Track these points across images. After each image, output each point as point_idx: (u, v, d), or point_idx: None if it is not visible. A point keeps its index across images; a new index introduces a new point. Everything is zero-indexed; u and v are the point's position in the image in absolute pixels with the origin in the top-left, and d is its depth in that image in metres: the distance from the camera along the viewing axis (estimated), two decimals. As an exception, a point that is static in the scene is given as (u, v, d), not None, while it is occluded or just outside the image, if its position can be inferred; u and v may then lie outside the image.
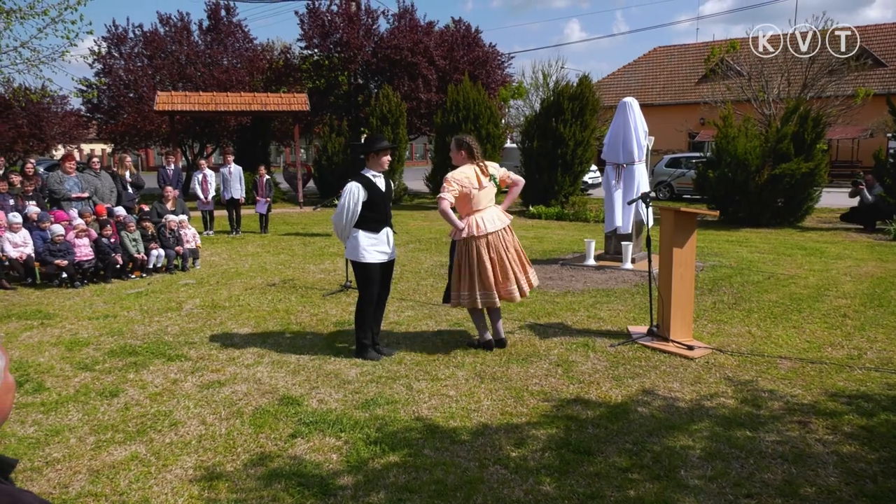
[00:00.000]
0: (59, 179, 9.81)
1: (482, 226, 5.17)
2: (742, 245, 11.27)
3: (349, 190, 5.12)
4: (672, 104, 32.48)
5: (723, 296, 7.39)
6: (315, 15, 22.35)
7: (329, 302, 7.31)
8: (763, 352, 5.41)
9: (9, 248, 8.29)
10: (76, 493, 3.26)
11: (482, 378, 4.82)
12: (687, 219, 5.60)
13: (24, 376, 4.90)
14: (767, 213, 13.82)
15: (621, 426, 3.97)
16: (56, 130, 29.49)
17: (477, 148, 5.31)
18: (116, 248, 8.69)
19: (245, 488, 3.29)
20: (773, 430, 3.91)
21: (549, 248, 11.08)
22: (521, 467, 3.47)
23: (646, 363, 5.14)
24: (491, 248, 5.20)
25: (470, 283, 5.22)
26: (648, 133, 9.24)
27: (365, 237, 5.19)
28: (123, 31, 21.98)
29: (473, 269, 5.20)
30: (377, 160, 5.25)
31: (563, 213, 15.84)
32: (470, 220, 5.20)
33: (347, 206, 5.12)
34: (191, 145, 24.21)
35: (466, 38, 22.93)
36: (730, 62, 22.58)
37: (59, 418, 4.18)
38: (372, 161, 5.25)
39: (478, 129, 17.88)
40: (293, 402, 4.38)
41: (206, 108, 17.99)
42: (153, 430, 3.98)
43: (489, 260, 5.18)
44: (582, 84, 16.72)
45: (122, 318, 6.63)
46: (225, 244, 11.88)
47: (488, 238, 5.18)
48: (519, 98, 22.90)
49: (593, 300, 7.28)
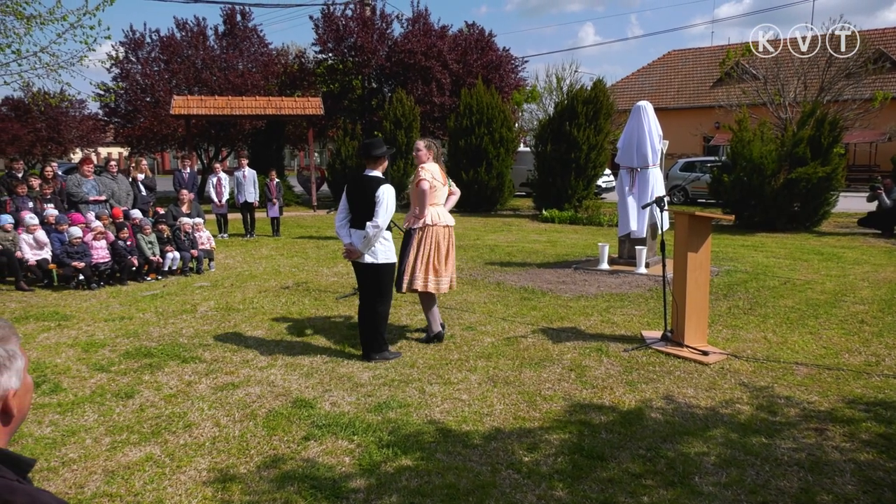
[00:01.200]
0: (78, 182, 9.92)
1: (441, 218, 5.63)
2: (757, 250, 11.17)
3: (390, 192, 5.16)
4: (687, 108, 32.32)
5: (738, 301, 7.33)
6: (330, 19, 22.47)
7: (342, 305, 7.33)
8: (779, 358, 5.36)
9: (27, 251, 8.40)
10: (92, 494, 3.29)
11: (495, 382, 4.81)
12: (702, 223, 5.56)
13: (41, 377, 4.95)
14: (783, 218, 13.69)
15: (635, 431, 3.95)
16: (74, 134, 29.89)
17: (441, 151, 5.89)
18: (132, 250, 8.78)
19: (258, 490, 3.30)
20: (790, 437, 3.87)
21: (563, 252, 11.04)
22: (534, 472, 3.46)
23: (660, 368, 5.11)
24: (443, 239, 5.66)
25: (426, 268, 5.57)
26: (663, 137, 9.20)
27: (387, 238, 5.32)
28: (141, 35, 22.22)
29: (430, 255, 5.58)
30: (382, 163, 5.33)
31: (577, 217, 15.80)
32: (430, 211, 5.60)
33: (392, 209, 5.18)
34: (206, 149, 24.41)
35: (480, 42, 22.96)
36: (745, 65, 22.43)
37: (75, 419, 4.22)
38: (378, 164, 5.28)
39: (491, 133, 17.88)
40: (306, 404, 4.40)
41: (222, 112, 18.13)
42: (168, 432, 4.01)
43: (445, 249, 5.65)
44: (596, 88, 16.67)
45: (138, 320, 6.69)
46: (239, 247, 11.95)
47: (447, 229, 5.69)
48: (532, 102, 22.89)
49: (607, 304, 7.24)
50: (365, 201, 5.14)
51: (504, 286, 8.22)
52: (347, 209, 5.30)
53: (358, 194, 5.21)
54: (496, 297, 7.65)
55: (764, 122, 14.81)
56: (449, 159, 19.09)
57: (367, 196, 5.13)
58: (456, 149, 18.34)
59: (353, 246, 5.20)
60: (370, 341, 5.33)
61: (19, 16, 7.91)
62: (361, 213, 5.16)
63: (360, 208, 5.18)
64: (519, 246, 11.86)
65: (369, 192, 5.12)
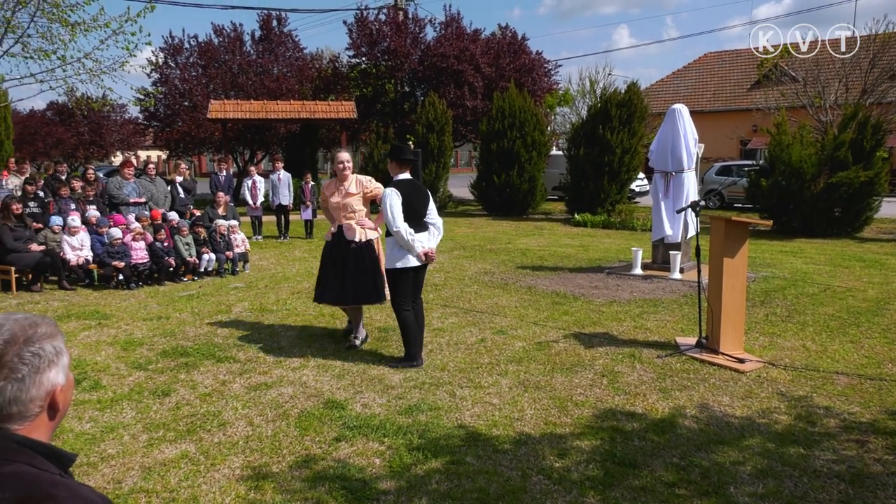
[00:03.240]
0: (118, 185, 10.18)
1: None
2: (796, 256, 10.92)
3: (390, 195, 5.19)
4: (723, 111, 31.75)
5: (776, 308, 7.17)
6: (363, 24, 22.68)
7: (373, 307, 7.36)
8: (818, 367, 5.23)
9: (69, 251, 8.64)
10: (129, 489, 3.36)
11: (526, 387, 4.79)
12: (738, 228, 5.46)
13: (82, 374, 5.09)
14: (823, 223, 13.37)
15: (668, 439, 3.89)
16: (115, 137, 30.72)
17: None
18: (170, 251, 8.96)
19: (290, 489, 3.34)
20: (829, 448, 3.77)
21: (595, 257, 10.94)
22: (565, 478, 3.43)
23: (694, 376, 5.02)
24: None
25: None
26: (698, 140, 9.06)
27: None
28: (180, 41, 22.71)
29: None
30: (406, 168, 5.37)
31: (610, 222, 15.64)
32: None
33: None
34: (241, 152, 24.83)
35: (513, 46, 22.92)
36: (784, 67, 21.96)
37: (113, 415, 4.32)
38: (402, 168, 5.32)
39: (523, 137, 17.82)
40: (338, 405, 4.43)
41: (257, 116, 18.42)
42: (202, 430, 4.08)
43: None
44: (630, 91, 16.51)
45: (175, 320, 6.83)
46: (273, 249, 12.12)
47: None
48: (565, 105, 22.74)
49: (640, 310, 7.15)
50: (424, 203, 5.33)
51: (535, 290, 8.18)
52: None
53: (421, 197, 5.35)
54: (527, 301, 7.62)
55: (803, 125, 14.50)
56: (480, 163, 19.09)
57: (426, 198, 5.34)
58: (488, 152, 18.33)
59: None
60: (404, 347, 5.36)
61: (65, 23, 8.17)
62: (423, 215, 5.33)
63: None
64: (551, 250, 11.79)
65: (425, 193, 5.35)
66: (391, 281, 5.27)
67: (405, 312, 5.22)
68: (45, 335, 1.26)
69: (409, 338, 5.25)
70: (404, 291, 5.24)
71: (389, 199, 5.07)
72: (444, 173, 19.53)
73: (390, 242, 5.19)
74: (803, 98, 19.74)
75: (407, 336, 5.25)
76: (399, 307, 5.24)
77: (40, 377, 1.24)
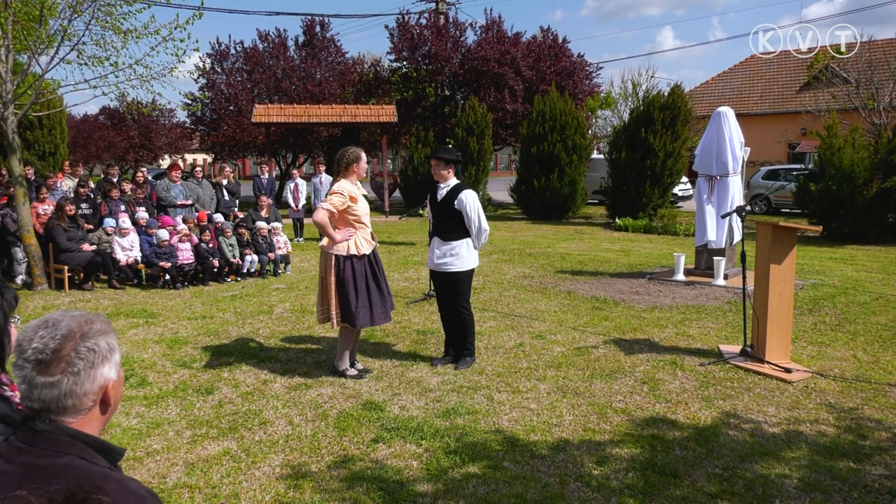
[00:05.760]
0: (167, 187, 10.47)
1: (360, 247, 5.12)
2: (847, 263, 10.56)
3: (475, 196, 5.26)
4: (770, 113, 30.94)
5: (825, 316, 6.95)
6: (404, 28, 22.84)
7: (412, 310, 7.40)
8: (870, 378, 5.05)
9: (118, 251, 8.91)
10: (173, 484, 3.45)
11: (564, 392, 4.75)
12: (786, 234, 5.32)
13: (129, 371, 5.24)
14: (876, 229, 12.91)
15: (710, 449, 3.81)
16: (163, 141, 31.58)
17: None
18: (214, 252, 9.17)
19: (329, 489, 3.37)
20: (880, 462, 3.64)
21: (636, 262, 10.78)
22: (603, 486, 3.39)
23: (738, 384, 4.90)
24: None
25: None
26: (744, 144, 8.85)
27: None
28: (226, 47, 23.24)
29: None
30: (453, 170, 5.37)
31: (652, 226, 15.39)
32: (354, 240, 5.11)
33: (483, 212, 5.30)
34: (284, 155, 25.25)
35: (554, 49, 22.77)
36: (835, 68, 21.29)
37: (159, 412, 4.44)
38: (451, 170, 5.32)
39: (564, 140, 17.70)
40: (376, 407, 4.47)
41: (300, 120, 18.71)
42: (244, 428, 4.16)
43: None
44: (674, 93, 16.23)
45: (218, 319, 6.98)
46: (314, 251, 12.27)
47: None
48: (607, 108, 22.49)
49: (682, 317, 7.02)
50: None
51: (575, 295, 8.10)
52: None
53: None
54: (567, 305, 7.55)
55: (856, 128, 14.01)
56: (521, 166, 19.02)
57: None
58: (528, 155, 18.24)
59: None
60: (471, 346, 5.42)
61: (117, 31, 8.43)
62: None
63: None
64: (591, 255, 11.66)
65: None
66: (465, 282, 5.30)
67: (471, 312, 5.40)
68: (100, 332, 1.31)
69: (473, 336, 5.41)
70: (469, 292, 5.42)
71: (474, 201, 5.20)
72: (483, 177, 19.51)
73: (460, 245, 5.20)
74: (855, 100, 19.10)
75: (472, 334, 5.40)
76: (467, 309, 5.36)
77: (95, 372, 1.28)
